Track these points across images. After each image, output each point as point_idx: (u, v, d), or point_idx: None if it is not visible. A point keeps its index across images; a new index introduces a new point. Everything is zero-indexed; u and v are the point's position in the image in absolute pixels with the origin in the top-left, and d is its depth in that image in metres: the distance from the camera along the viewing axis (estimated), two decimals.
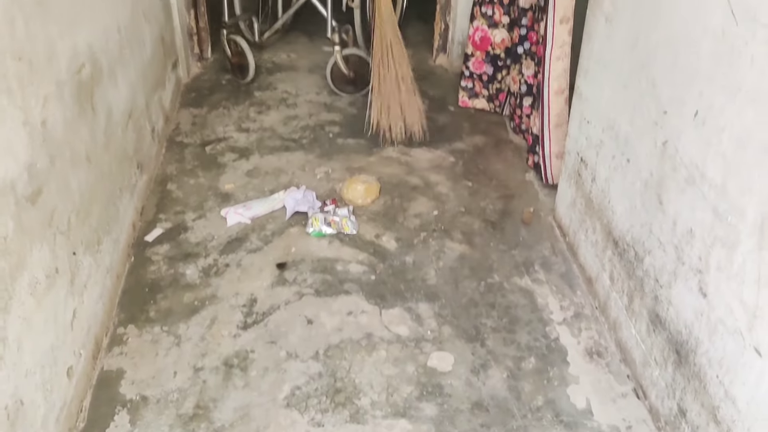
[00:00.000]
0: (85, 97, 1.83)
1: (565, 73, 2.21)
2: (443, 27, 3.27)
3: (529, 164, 2.54)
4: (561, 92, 2.24)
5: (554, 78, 2.21)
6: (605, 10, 1.82)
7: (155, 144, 2.55)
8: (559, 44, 2.16)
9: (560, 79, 2.21)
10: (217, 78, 3.15)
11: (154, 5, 2.69)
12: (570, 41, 2.16)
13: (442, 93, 3.14)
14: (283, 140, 2.75)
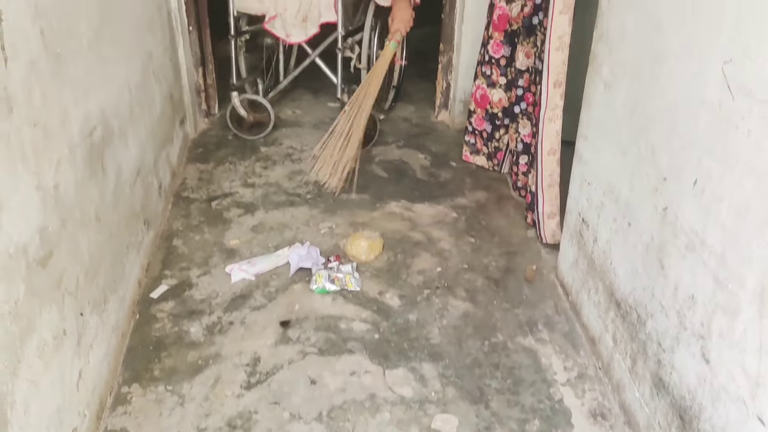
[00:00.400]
0: (96, 159, 1.87)
1: (557, 134, 2.25)
2: (445, 85, 3.34)
3: (528, 222, 2.57)
4: (553, 153, 2.28)
5: (547, 139, 2.26)
6: (604, 77, 1.87)
7: (162, 200, 2.59)
8: (551, 107, 2.21)
9: (552, 140, 2.26)
10: (223, 134, 3.20)
11: (165, 65, 2.76)
12: (562, 104, 2.22)
13: (444, 149, 3.19)
14: (288, 195, 2.78)
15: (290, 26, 3.02)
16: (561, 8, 2.08)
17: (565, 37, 2.11)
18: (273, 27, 3.03)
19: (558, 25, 2.09)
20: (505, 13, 2.63)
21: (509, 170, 2.89)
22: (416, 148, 3.19)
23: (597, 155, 1.95)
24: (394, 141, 3.25)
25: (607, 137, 1.88)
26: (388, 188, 2.85)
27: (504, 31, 2.66)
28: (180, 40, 3.00)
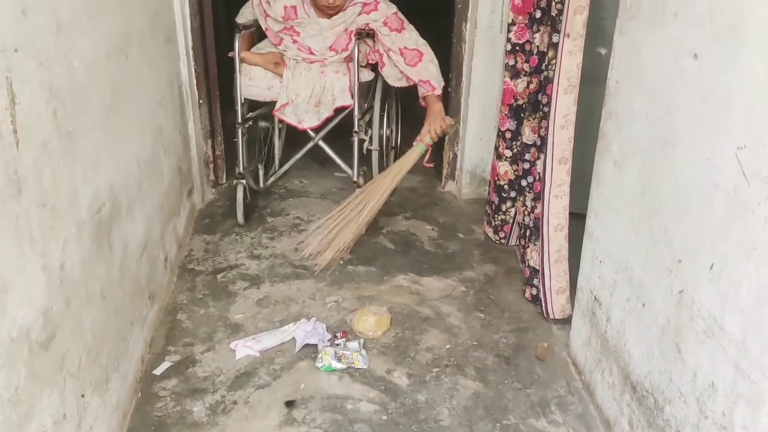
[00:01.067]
0: (103, 236, 1.86)
1: (564, 210, 2.24)
2: (451, 156, 3.36)
3: (526, 296, 2.53)
4: (560, 229, 2.26)
5: (553, 215, 2.25)
6: (614, 155, 1.87)
7: (167, 273, 2.57)
8: (557, 183, 2.21)
9: (559, 216, 2.25)
10: (230, 204, 3.20)
11: (174, 138, 2.78)
12: (568, 180, 2.21)
13: (451, 220, 3.18)
14: (294, 267, 2.76)
15: (302, 112, 2.88)
16: (566, 87, 2.10)
17: (570, 116, 2.13)
18: (284, 114, 2.90)
19: (562, 104, 2.11)
20: (510, 89, 2.66)
21: (516, 243, 2.87)
22: (423, 219, 3.18)
23: (608, 233, 1.94)
24: (401, 212, 3.24)
25: (618, 215, 1.87)
26: (395, 260, 2.83)
27: (509, 106, 2.69)
28: (190, 114, 3.04)
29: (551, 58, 2.24)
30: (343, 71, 2.89)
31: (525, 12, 2.54)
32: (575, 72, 2.08)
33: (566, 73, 2.09)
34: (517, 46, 2.60)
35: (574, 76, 2.08)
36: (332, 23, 2.85)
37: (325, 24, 2.85)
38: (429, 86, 2.82)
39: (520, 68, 2.62)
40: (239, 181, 2.98)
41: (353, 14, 2.83)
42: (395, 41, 2.81)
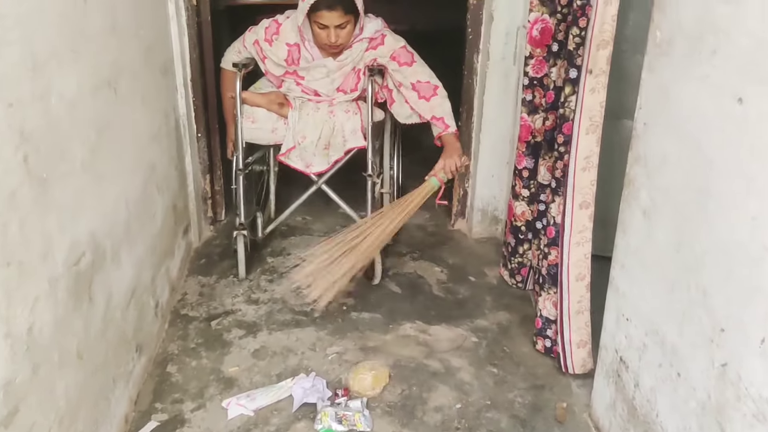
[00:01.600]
0: (82, 288, 1.70)
1: (586, 259, 2.07)
2: (462, 193, 3.20)
3: (538, 348, 2.35)
4: (581, 278, 2.09)
5: (573, 264, 2.08)
6: (642, 203, 1.71)
7: (158, 320, 2.40)
8: (578, 230, 2.05)
9: (581, 265, 2.07)
10: (229, 242, 3.04)
11: (169, 174, 2.63)
12: (591, 226, 2.05)
13: (461, 261, 3.01)
14: (293, 314, 2.59)
15: (310, 155, 2.66)
16: (587, 127, 1.94)
17: (592, 158, 1.97)
18: (289, 159, 2.68)
19: (584, 145, 1.95)
20: (527, 125, 2.51)
21: (532, 288, 2.69)
22: (432, 260, 3.01)
23: (636, 288, 1.76)
24: (408, 252, 3.07)
25: (648, 270, 1.70)
26: (402, 306, 2.66)
27: (526, 143, 2.53)
28: (187, 148, 2.89)
29: (568, 95, 2.09)
30: (354, 110, 2.68)
31: (543, 45, 2.39)
32: (598, 111, 1.92)
33: (588, 112, 1.93)
34: (535, 81, 2.45)
35: (597, 116, 1.93)
36: (340, 64, 2.66)
37: (332, 65, 2.67)
38: (442, 124, 2.62)
39: (538, 103, 2.47)
40: (240, 233, 2.74)
41: (360, 51, 2.65)
42: (407, 75, 2.63)
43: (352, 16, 2.54)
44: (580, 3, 1.97)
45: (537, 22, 2.37)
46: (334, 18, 2.49)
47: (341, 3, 2.49)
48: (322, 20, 2.51)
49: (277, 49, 2.67)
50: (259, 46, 2.70)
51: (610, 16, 1.83)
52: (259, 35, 2.70)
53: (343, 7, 2.49)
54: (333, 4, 2.48)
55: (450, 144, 2.62)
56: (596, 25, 1.85)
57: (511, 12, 2.78)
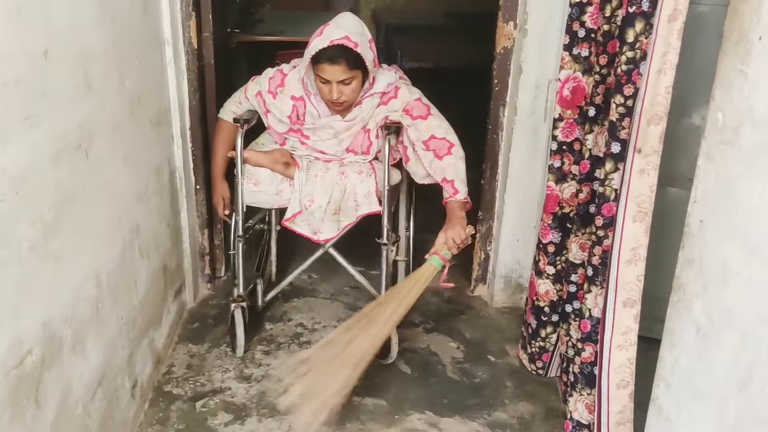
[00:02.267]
0: (25, 393, 1.45)
1: (630, 364, 1.78)
2: (483, 257, 2.91)
3: None
4: (625, 386, 1.79)
5: (615, 369, 1.78)
6: (696, 317, 1.40)
7: (135, 402, 2.14)
8: (621, 331, 1.75)
9: (624, 371, 1.78)
10: (226, 303, 2.78)
11: (160, 233, 2.39)
12: (636, 328, 1.75)
13: (480, 336, 2.71)
14: None
15: (318, 221, 2.39)
16: (635, 214, 1.65)
17: (640, 250, 1.68)
18: (295, 224, 2.41)
19: (630, 234, 1.66)
20: (554, 194, 2.22)
21: (558, 375, 2.38)
22: (447, 333, 2.71)
23: (685, 417, 1.45)
24: (421, 322, 2.78)
25: (700, 399, 1.39)
26: (410, 391, 2.37)
27: (553, 214, 2.24)
28: (184, 202, 2.65)
29: (609, 171, 1.80)
30: (368, 172, 2.40)
31: (575, 106, 2.12)
32: (648, 196, 1.63)
33: (636, 197, 1.64)
34: (564, 145, 2.16)
35: (647, 202, 1.64)
36: (348, 124, 2.38)
37: (340, 126, 2.39)
38: (451, 188, 2.26)
39: (567, 171, 2.18)
40: (238, 305, 2.46)
41: (371, 107, 2.37)
42: (421, 130, 2.32)
43: (360, 71, 2.25)
44: (625, 68, 1.69)
45: (568, 81, 2.09)
46: (337, 73, 2.22)
47: (345, 57, 2.19)
48: (323, 74, 2.23)
49: (281, 103, 2.41)
50: (262, 99, 2.45)
51: (664, 87, 1.55)
52: (262, 86, 2.45)
53: (347, 62, 2.20)
54: (335, 57, 2.19)
55: (454, 213, 2.24)
56: (647, 98, 1.57)
57: (542, 63, 2.50)
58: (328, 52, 2.18)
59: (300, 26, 4.61)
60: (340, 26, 2.21)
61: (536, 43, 2.49)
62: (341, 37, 2.17)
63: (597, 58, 1.95)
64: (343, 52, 2.18)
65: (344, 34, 2.17)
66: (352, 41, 2.17)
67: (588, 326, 1.94)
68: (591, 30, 2.02)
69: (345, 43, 2.17)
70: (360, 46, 2.18)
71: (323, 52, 2.19)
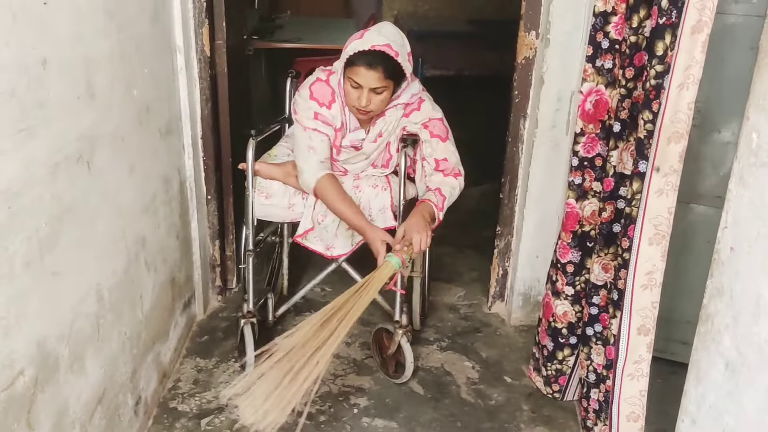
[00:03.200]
0: (14, 416, 1.39)
1: (642, 396, 1.68)
2: (501, 272, 2.82)
3: None
4: (635, 419, 1.70)
5: (625, 400, 1.68)
6: (724, 351, 1.31)
7: (138, 419, 2.08)
8: (633, 359, 1.67)
9: (634, 402, 1.68)
10: (236, 316, 2.72)
11: (167, 246, 2.33)
12: (649, 357, 1.66)
13: (497, 355, 2.61)
14: (295, 415, 2.23)
15: (331, 237, 2.32)
16: (651, 236, 1.56)
17: (655, 274, 1.58)
18: (307, 240, 2.34)
19: (645, 258, 1.57)
20: (574, 212, 2.13)
21: (578, 399, 2.28)
22: (463, 352, 2.62)
23: None
24: (436, 339, 2.69)
25: None
26: (422, 414, 2.28)
27: (572, 233, 2.15)
28: (194, 213, 2.60)
29: (636, 191, 1.70)
30: (383, 186, 2.30)
31: (597, 120, 2.02)
32: (666, 218, 1.54)
33: (653, 219, 1.55)
34: (585, 161, 2.07)
35: (664, 224, 1.54)
36: (377, 145, 2.29)
37: (371, 149, 2.29)
38: (440, 200, 2.19)
39: (587, 187, 2.09)
40: (248, 321, 2.36)
41: (395, 119, 2.25)
42: (435, 149, 2.25)
43: (393, 82, 2.14)
44: (654, 83, 1.59)
45: (591, 94, 2.00)
46: (372, 79, 2.09)
47: (383, 64, 2.07)
48: (357, 77, 2.10)
49: (336, 111, 2.26)
50: (321, 117, 2.25)
51: (686, 103, 1.45)
52: (312, 106, 2.24)
53: (384, 70, 2.08)
54: (374, 62, 2.07)
55: (423, 215, 2.13)
56: (667, 114, 1.48)
57: (565, 75, 2.41)
58: (366, 56, 2.07)
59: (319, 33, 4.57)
60: (382, 33, 2.10)
61: (559, 53, 2.40)
62: (383, 44, 2.06)
63: (623, 71, 1.86)
64: (382, 59, 2.07)
65: (386, 42, 2.07)
66: (394, 50, 2.06)
67: (612, 352, 1.84)
68: (615, 41, 1.93)
69: (386, 51, 2.06)
70: (400, 56, 2.08)
71: (361, 54, 2.07)
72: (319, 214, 2.29)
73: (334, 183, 2.22)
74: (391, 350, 2.39)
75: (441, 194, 2.21)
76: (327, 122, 2.25)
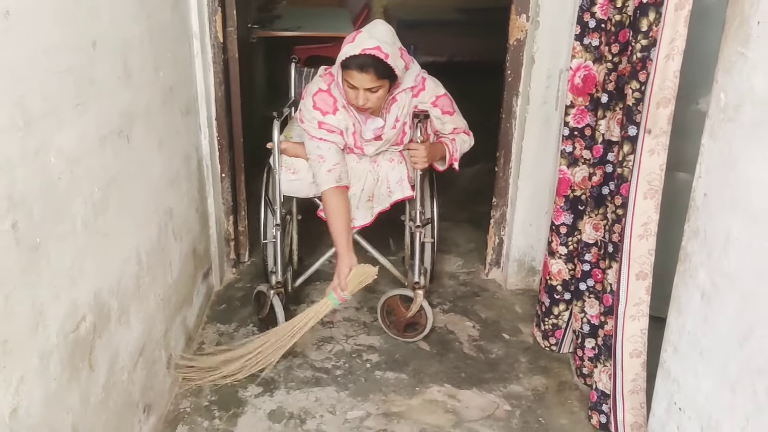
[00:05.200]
0: (80, 356, 1.57)
1: (642, 334, 1.88)
2: (497, 241, 3.02)
3: (593, 423, 2.16)
4: (637, 355, 1.90)
5: (628, 339, 1.88)
6: (700, 283, 1.51)
7: (170, 375, 2.27)
8: (634, 302, 1.86)
9: (636, 340, 1.88)
10: (251, 286, 2.91)
11: (189, 218, 2.51)
12: (648, 299, 1.86)
13: (495, 316, 2.82)
14: (314, 370, 2.43)
15: (353, 209, 2.46)
16: (645, 191, 1.75)
17: (650, 225, 1.78)
18: None
19: (641, 210, 1.76)
20: (566, 178, 2.33)
21: (572, 351, 2.49)
22: (464, 314, 2.83)
23: (692, 377, 1.56)
24: (439, 303, 2.89)
25: (706, 359, 1.50)
26: (430, 366, 2.48)
27: (565, 197, 2.35)
28: (210, 189, 2.78)
29: (627, 153, 1.90)
30: (398, 159, 2.50)
31: (586, 93, 2.22)
32: (658, 174, 1.74)
33: (646, 176, 1.75)
34: (575, 131, 2.27)
35: (657, 180, 1.74)
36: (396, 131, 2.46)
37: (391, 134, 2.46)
38: (451, 143, 2.50)
39: (578, 155, 2.29)
40: (278, 290, 2.53)
41: (407, 101, 2.42)
42: (446, 123, 2.48)
43: (387, 81, 2.29)
44: (640, 55, 1.79)
45: (579, 69, 2.20)
46: (365, 81, 2.24)
47: (374, 66, 2.21)
48: (351, 80, 2.25)
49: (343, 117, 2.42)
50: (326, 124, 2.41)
51: (672, 72, 1.65)
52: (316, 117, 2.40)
53: (375, 71, 2.22)
54: (365, 65, 2.21)
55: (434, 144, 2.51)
56: (656, 82, 1.67)
57: (554, 54, 2.61)
58: (358, 60, 2.21)
59: (316, 22, 4.75)
60: (373, 35, 2.25)
61: (548, 34, 2.60)
62: (373, 46, 2.19)
63: (609, 47, 2.06)
64: (372, 62, 2.21)
65: (376, 44, 2.20)
66: (383, 52, 2.21)
67: (610, 300, 2.05)
68: (601, 20, 2.13)
69: (376, 54, 2.19)
70: (390, 57, 2.23)
71: (353, 59, 2.21)
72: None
73: (338, 197, 2.40)
74: (412, 312, 2.56)
75: (453, 142, 2.49)
76: (332, 129, 2.41)
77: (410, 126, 2.47)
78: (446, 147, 2.48)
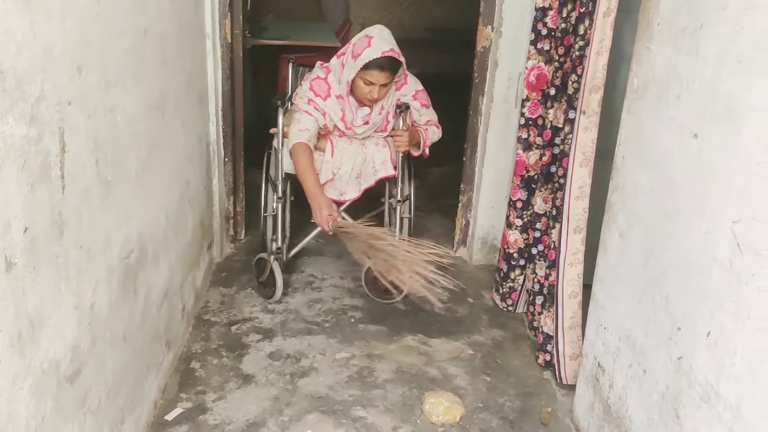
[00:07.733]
0: (129, 281, 1.96)
1: (579, 278, 2.32)
2: (464, 222, 3.46)
3: (539, 362, 2.59)
4: (574, 296, 2.33)
5: (567, 282, 2.32)
6: (619, 225, 1.97)
7: (184, 322, 2.64)
8: (572, 251, 2.29)
9: (573, 283, 2.32)
10: (247, 259, 3.30)
11: (200, 192, 2.90)
12: (583, 249, 2.30)
13: (461, 285, 3.24)
14: (306, 323, 2.83)
15: (344, 184, 2.88)
16: (581, 161, 2.21)
17: (584, 188, 2.23)
18: (325, 190, 2.83)
19: (578, 176, 2.21)
20: (522, 160, 2.78)
21: (525, 310, 2.93)
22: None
23: (613, 300, 2.01)
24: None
25: (622, 283, 1.95)
26: (405, 321, 2.90)
27: (521, 177, 2.80)
28: (215, 171, 3.17)
29: (567, 133, 2.36)
30: (383, 144, 2.93)
31: (539, 89, 2.69)
32: (590, 147, 2.19)
33: (582, 148, 2.20)
34: (530, 121, 2.73)
35: (589, 151, 2.19)
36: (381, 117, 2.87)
37: (378, 120, 2.87)
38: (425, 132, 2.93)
39: (532, 141, 2.75)
40: (277, 255, 2.93)
41: (391, 93, 2.86)
42: (422, 115, 2.94)
43: (394, 76, 2.77)
44: (578, 54, 2.26)
45: (534, 69, 2.66)
46: (383, 78, 2.68)
47: (391, 66, 2.68)
48: (371, 78, 2.67)
49: (332, 104, 2.83)
50: (314, 104, 2.83)
51: (601, 65, 2.11)
52: (308, 95, 2.81)
53: (391, 70, 2.69)
54: (385, 65, 2.66)
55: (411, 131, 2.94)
56: (589, 73, 2.13)
57: (513, 59, 3.08)
58: (378, 61, 2.64)
59: (301, 33, 5.18)
60: (384, 39, 2.71)
61: (509, 42, 3.07)
62: (389, 49, 2.66)
63: (556, 50, 2.52)
64: (390, 63, 2.67)
65: (390, 47, 2.67)
66: (396, 52, 2.71)
67: (553, 255, 2.49)
68: (551, 29, 2.60)
69: (392, 55, 2.66)
70: (401, 57, 2.74)
71: (374, 61, 2.64)
72: (335, 167, 2.89)
73: (306, 150, 2.77)
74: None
75: (426, 131, 2.94)
76: (317, 108, 2.84)
77: (393, 115, 2.91)
78: (420, 135, 2.93)
